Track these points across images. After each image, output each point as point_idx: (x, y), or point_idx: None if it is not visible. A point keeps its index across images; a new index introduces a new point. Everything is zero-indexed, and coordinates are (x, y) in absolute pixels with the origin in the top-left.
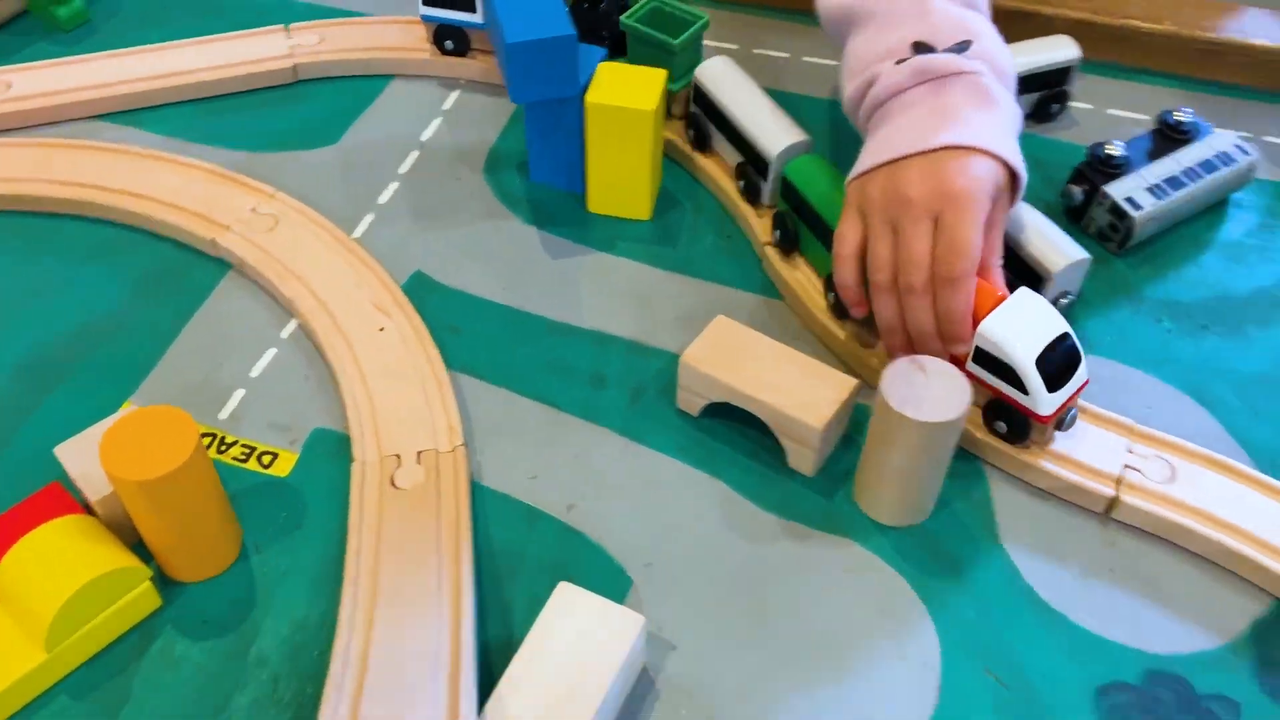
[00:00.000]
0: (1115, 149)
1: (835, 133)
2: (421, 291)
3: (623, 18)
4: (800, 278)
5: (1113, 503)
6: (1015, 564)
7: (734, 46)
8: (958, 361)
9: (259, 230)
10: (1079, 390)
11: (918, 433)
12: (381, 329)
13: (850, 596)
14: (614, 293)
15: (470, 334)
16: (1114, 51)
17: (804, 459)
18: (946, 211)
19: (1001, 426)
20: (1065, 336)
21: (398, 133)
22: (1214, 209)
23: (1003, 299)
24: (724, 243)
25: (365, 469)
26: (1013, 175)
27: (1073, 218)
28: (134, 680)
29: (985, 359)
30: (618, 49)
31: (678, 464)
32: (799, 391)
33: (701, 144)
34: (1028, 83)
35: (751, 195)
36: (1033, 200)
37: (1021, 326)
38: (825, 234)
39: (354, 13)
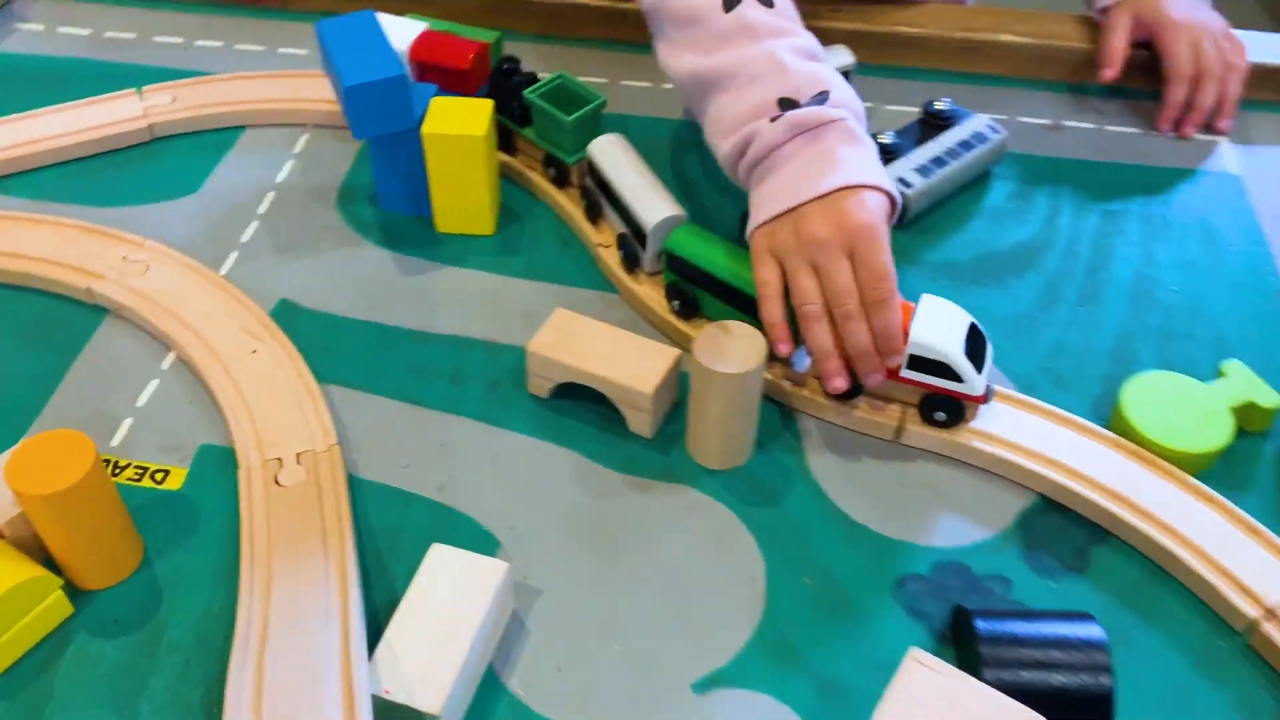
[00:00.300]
0: (886, 138)
1: (673, 151)
2: (289, 316)
3: (526, 91)
4: (626, 275)
5: (899, 429)
6: (823, 489)
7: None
8: (892, 371)
9: (132, 275)
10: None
11: (725, 384)
12: (254, 351)
13: (688, 533)
14: (466, 300)
15: (337, 350)
16: (886, 55)
17: (641, 422)
18: (858, 245)
19: (941, 416)
20: (973, 325)
21: (254, 177)
22: (978, 181)
23: (912, 308)
24: (563, 248)
25: (251, 473)
26: (891, 199)
27: None
28: (54, 680)
29: (920, 362)
30: (525, 119)
31: (533, 440)
32: (631, 365)
33: (594, 214)
34: None
35: (630, 263)
36: None
37: (942, 327)
38: (729, 293)
39: (202, 71)
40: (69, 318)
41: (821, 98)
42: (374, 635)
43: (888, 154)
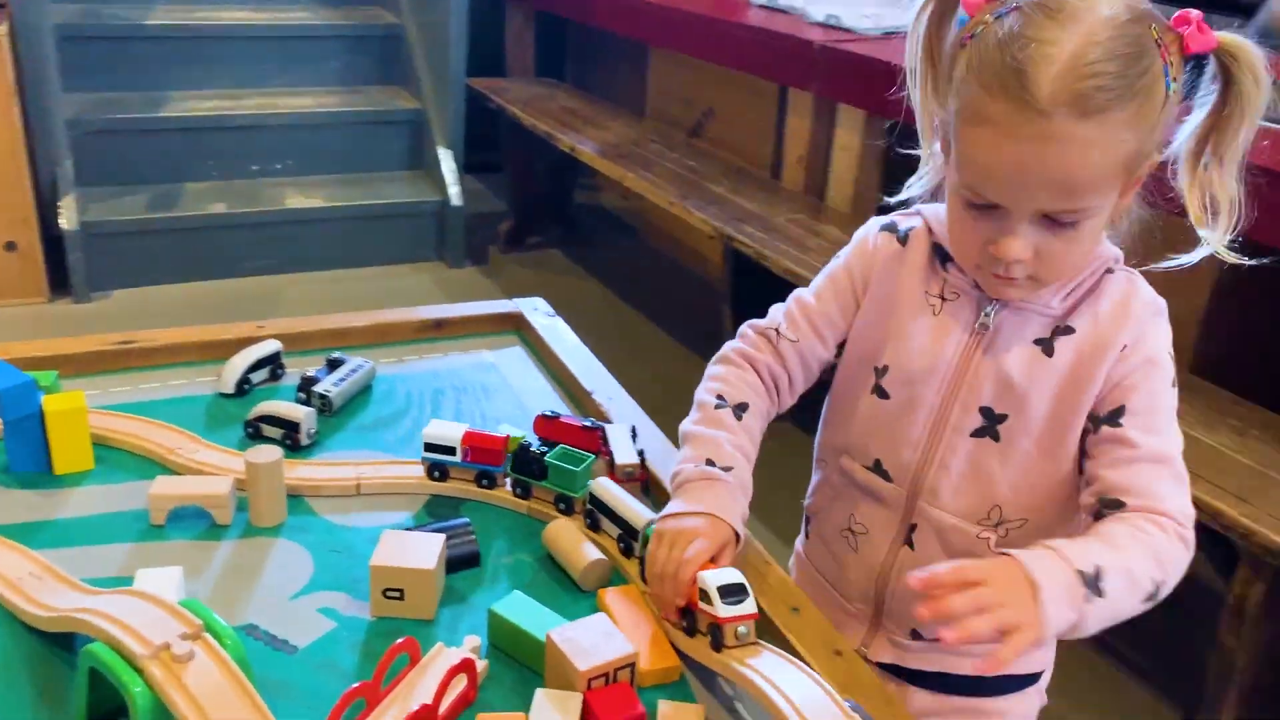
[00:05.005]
0: (311, 372)
1: None
2: None
3: (546, 458)
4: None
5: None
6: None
7: None
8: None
9: None
10: (748, 616)
11: (258, 470)
12: None
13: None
14: (78, 503)
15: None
16: (315, 341)
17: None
18: (679, 540)
19: (709, 635)
20: (741, 586)
21: None
22: (367, 388)
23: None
24: None
25: None
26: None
27: None
28: None
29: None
30: (543, 475)
31: None
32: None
33: (595, 526)
34: None
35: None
36: None
37: (713, 579)
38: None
39: None
40: None
41: (726, 470)
42: None
43: (312, 380)
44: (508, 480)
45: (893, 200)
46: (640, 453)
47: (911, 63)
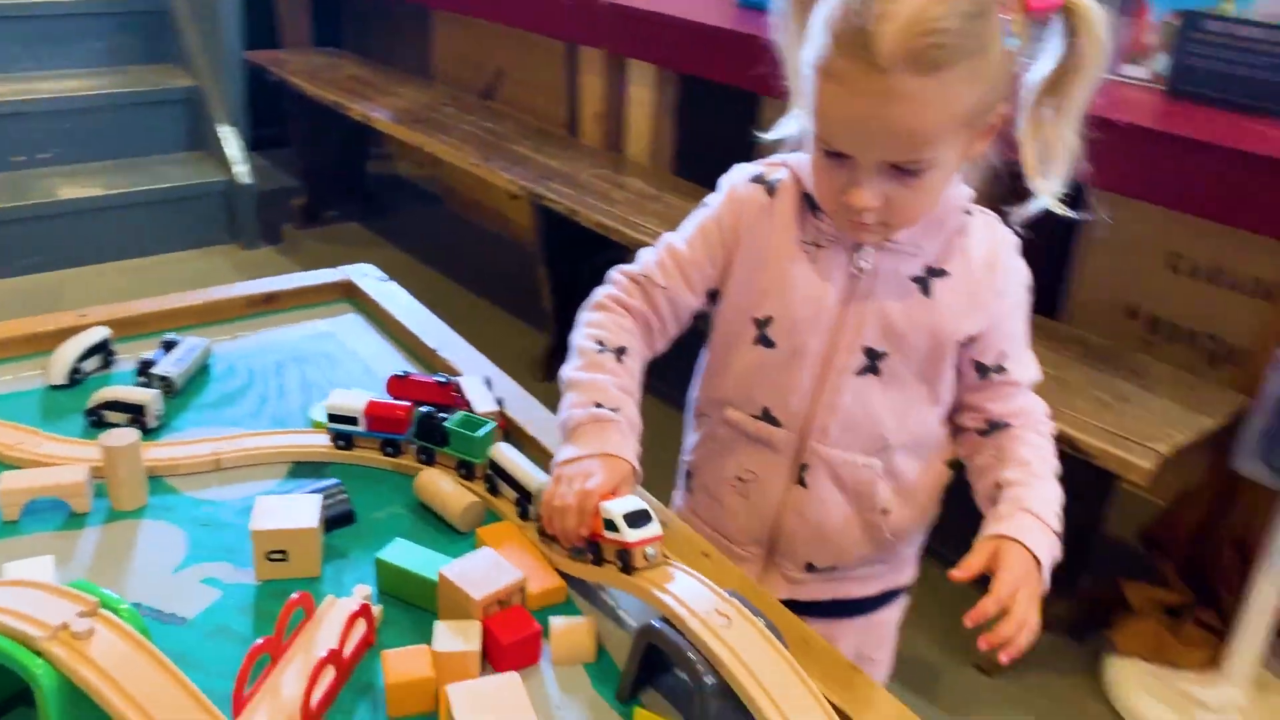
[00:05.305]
0: (149, 355)
1: None
2: None
3: (446, 423)
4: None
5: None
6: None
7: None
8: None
9: None
10: (655, 538)
11: (113, 453)
12: None
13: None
14: None
15: None
16: (137, 326)
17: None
18: (577, 474)
19: (618, 561)
20: (645, 512)
21: None
22: (207, 366)
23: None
24: None
25: None
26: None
27: None
28: None
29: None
30: (444, 442)
31: None
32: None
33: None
34: None
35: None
36: None
37: (620, 508)
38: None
39: None
40: None
41: (614, 410)
42: None
43: (150, 363)
44: (413, 447)
45: (766, 137)
46: (499, 400)
47: (782, 5)
